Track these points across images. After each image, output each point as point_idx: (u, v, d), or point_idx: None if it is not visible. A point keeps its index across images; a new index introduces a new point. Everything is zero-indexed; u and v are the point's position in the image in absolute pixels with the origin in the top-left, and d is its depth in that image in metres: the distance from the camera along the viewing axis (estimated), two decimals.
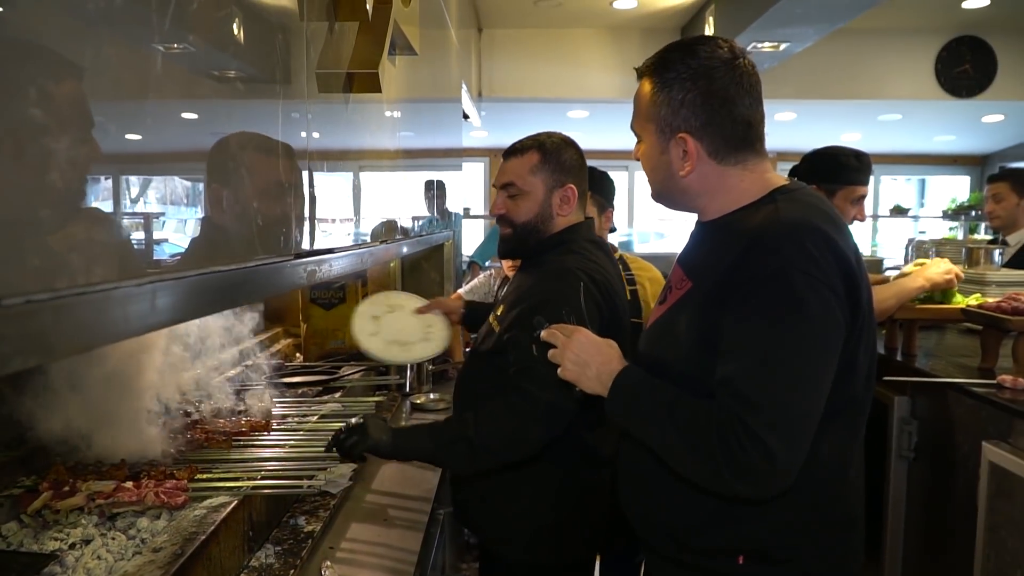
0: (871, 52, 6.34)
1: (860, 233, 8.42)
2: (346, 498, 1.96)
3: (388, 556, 1.67)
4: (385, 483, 2.10)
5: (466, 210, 8.30)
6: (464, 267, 6.75)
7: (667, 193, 1.44)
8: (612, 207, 2.59)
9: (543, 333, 1.48)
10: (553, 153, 1.86)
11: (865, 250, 8.14)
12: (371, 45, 1.42)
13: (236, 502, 1.55)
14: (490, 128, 7.76)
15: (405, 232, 2.55)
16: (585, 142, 2.15)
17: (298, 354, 3.38)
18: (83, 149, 0.63)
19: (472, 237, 7.10)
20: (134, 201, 0.78)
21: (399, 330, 2.22)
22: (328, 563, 1.59)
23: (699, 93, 1.32)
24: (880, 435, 2.37)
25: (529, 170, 1.86)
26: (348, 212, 1.71)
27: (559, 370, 1.43)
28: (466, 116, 5.08)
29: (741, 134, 1.35)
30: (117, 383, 1.75)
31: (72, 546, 1.41)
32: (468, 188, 8.89)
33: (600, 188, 2.49)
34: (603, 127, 7.52)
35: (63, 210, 0.62)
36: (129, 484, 1.59)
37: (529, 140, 1.90)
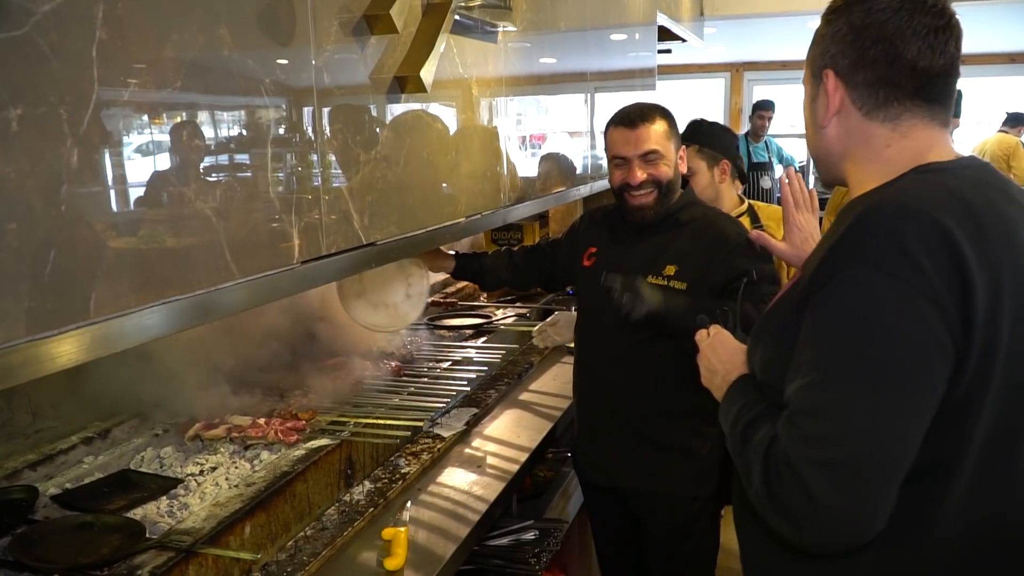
0: None
1: None
2: (456, 442, 2.18)
3: (465, 502, 1.87)
4: (499, 431, 2.29)
5: None
6: None
7: (816, 156, 1.22)
8: (728, 158, 2.62)
9: (698, 334, 1.41)
10: (670, 118, 2.06)
11: None
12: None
13: (333, 445, 1.83)
14: (728, 43, 7.35)
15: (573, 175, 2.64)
16: None
17: (483, 295, 3.64)
18: None
19: None
20: None
21: (382, 287, 2.27)
22: (409, 503, 1.83)
23: (853, 25, 1.09)
24: None
25: (664, 135, 2.02)
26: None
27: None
28: (677, 38, 4.89)
29: (898, 81, 1.08)
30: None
31: (204, 472, 1.78)
32: (706, 106, 8.53)
33: (710, 141, 2.60)
34: None
35: None
36: (262, 421, 1.94)
37: (645, 107, 2.05)
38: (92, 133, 0.89)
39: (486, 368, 2.54)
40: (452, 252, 2.45)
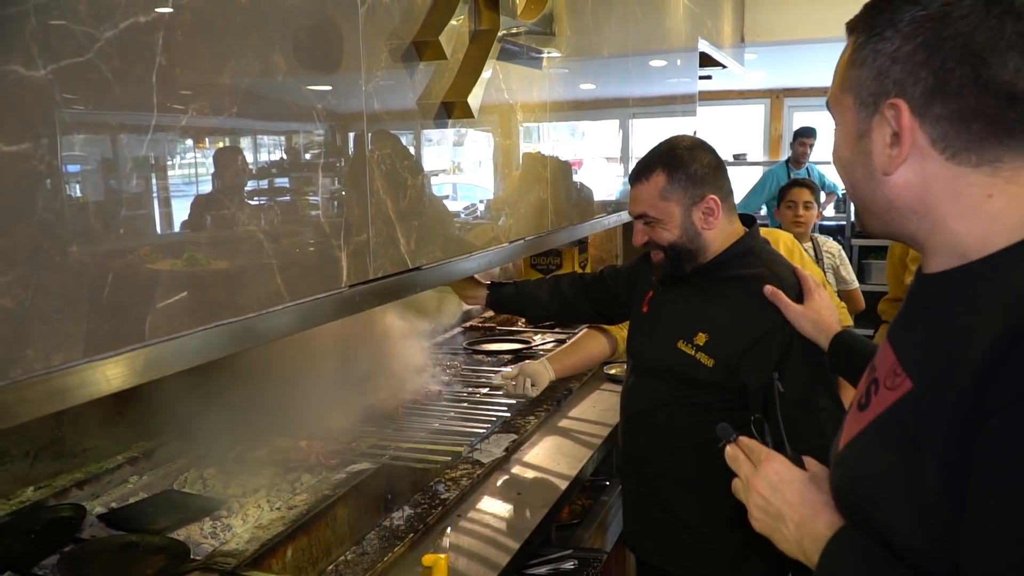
0: None
1: None
2: (495, 469, 2.17)
3: (505, 530, 1.85)
4: (538, 458, 2.26)
5: (739, 156, 7.97)
6: None
7: (870, 209, 0.91)
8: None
9: (727, 451, 1.10)
10: (680, 168, 1.74)
11: None
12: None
13: (373, 469, 1.83)
14: (768, 69, 7.32)
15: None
16: None
17: (521, 320, 3.63)
18: None
19: (745, 185, 6.80)
20: None
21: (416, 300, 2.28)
22: (449, 529, 1.81)
23: (924, 41, 0.81)
24: None
25: (659, 195, 1.75)
26: None
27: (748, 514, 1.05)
28: (716, 64, 4.89)
29: (996, 114, 0.80)
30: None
31: (247, 493, 1.78)
32: (744, 132, 8.49)
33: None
34: None
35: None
36: (303, 443, 1.94)
37: (653, 157, 1.79)
38: (150, 156, 0.91)
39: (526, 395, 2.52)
40: (486, 282, 2.35)
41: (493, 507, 1.96)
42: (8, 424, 0.76)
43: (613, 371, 3.04)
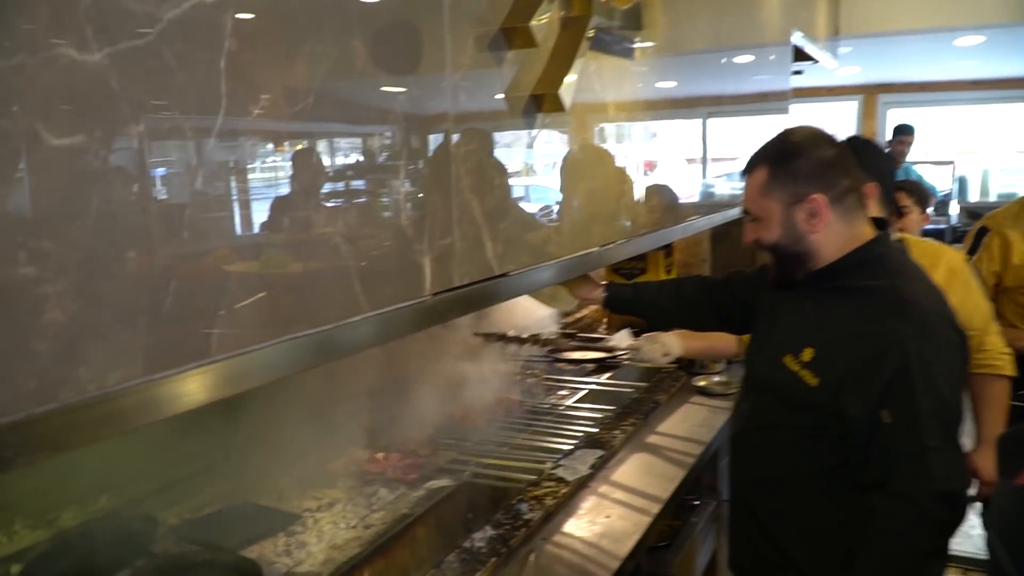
0: None
1: None
2: (580, 487, 2.03)
3: (593, 557, 1.72)
4: (626, 476, 2.12)
5: None
6: None
7: None
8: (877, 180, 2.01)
9: None
10: (783, 163, 1.58)
11: None
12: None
13: (454, 487, 1.72)
14: (863, 62, 6.96)
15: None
16: (979, 71, 1.76)
17: (604, 320, 3.49)
18: None
19: None
20: None
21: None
22: (533, 554, 1.69)
23: None
24: None
25: (759, 191, 1.60)
26: None
27: None
28: (809, 59, 4.64)
29: None
30: None
31: (322, 507, 1.70)
32: (835, 131, 8.10)
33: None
34: (1002, 53, 6.27)
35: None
36: (379, 455, 1.85)
37: (760, 150, 1.64)
38: (218, 151, 0.82)
39: (613, 407, 2.39)
40: (602, 281, 2.17)
41: (579, 530, 1.83)
42: (58, 453, 0.67)
43: (702, 383, 2.86)
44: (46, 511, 1.53)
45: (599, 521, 1.87)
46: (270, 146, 0.93)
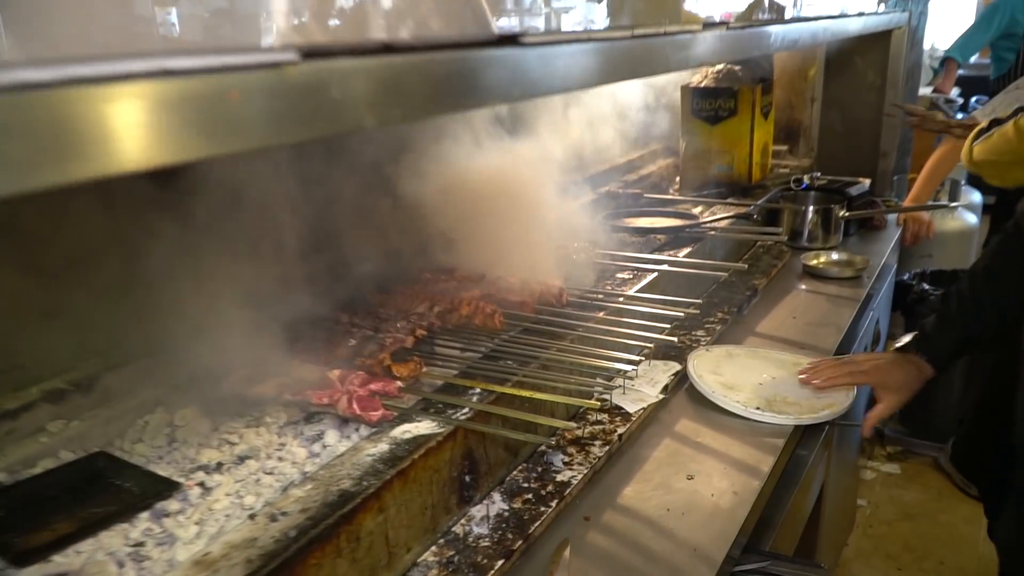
0: None
1: None
2: (648, 422, 1.34)
3: (667, 553, 1.03)
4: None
5: None
6: (936, 65, 5.14)
7: None
8: None
9: None
10: None
11: None
12: None
13: (442, 435, 1.04)
14: None
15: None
16: None
17: (677, 179, 2.70)
18: None
19: (950, 22, 5.30)
20: None
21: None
22: (566, 552, 1.01)
23: None
24: None
25: None
26: None
27: None
28: None
29: None
30: None
31: (227, 463, 1.04)
32: None
33: None
34: None
35: None
36: (334, 374, 1.17)
37: None
38: None
39: (692, 301, 1.63)
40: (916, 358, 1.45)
41: (646, 500, 1.14)
42: None
43: (813, 262, 2.10)
44: None
45: (680, 483, 1.17)
46: None
